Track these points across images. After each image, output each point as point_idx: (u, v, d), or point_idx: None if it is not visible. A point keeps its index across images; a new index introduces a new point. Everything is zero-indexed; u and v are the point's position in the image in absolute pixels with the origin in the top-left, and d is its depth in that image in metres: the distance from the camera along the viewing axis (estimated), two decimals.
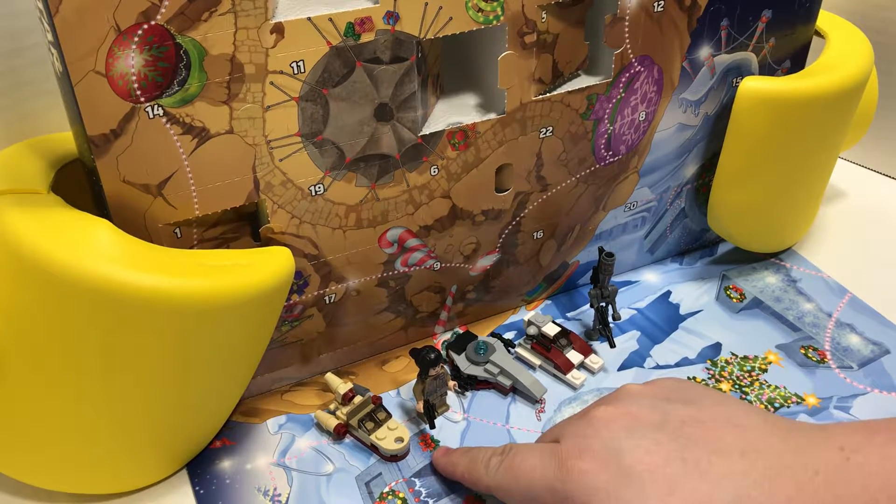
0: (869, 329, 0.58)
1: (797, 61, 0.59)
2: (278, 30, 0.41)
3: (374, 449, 0.49)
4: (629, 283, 0.63)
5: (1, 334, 0.41)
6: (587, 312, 0.60)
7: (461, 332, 0.58)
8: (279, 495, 0.47)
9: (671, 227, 0.63)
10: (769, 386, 0.53)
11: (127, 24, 0.38)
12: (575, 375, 0.54)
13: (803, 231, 0.66)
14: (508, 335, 0.58)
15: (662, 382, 0.44)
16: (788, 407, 0.52)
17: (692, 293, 0.62)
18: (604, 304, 0.56)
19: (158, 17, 0.39)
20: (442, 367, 0.49)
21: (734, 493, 0.36)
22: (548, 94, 0.51)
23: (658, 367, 0.55)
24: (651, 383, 0.44)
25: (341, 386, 0.50)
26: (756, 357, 0.56)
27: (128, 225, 0.43)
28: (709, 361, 0.55)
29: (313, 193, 0.47)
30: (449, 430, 0.51)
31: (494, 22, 0.46)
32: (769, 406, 0.52)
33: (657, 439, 0.39)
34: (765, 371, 0.54)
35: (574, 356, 0.54)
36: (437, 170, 0.50)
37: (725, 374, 0.54)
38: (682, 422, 0.40)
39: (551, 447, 0.41)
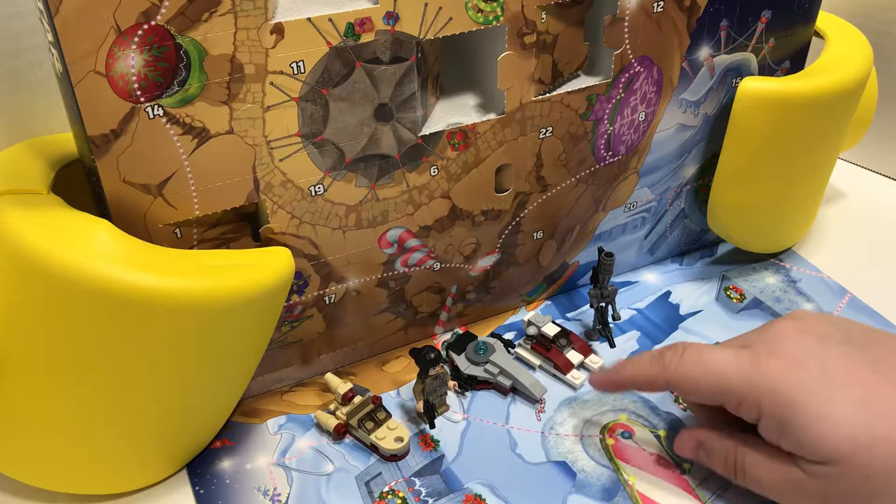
0: None
1: (797, 62, 0.59)
2: (278, 30, 0.42)
3: (373, 449, 0.49)
4: (629, 283, 0.63)
5: (1, 334, 0.41)
6: (587, 312, 0.60)
7: (461, 332, 0.58)
8: (279, 495, 0.47)
9: (671, 228, 0.63)
10: None
11: (127, 24, 0.38)
12: (575, 375, 0.54)
13: (803, 231, 0.66)
14: (508, 335, 0.58)
15: (829, 315, 0.45)
16: None
17: (692, 293, 0.62)
18: (604, 304, 0.56)
19: (158, 17, 0.39)
20: (442, 366, 0.49)
21: None
22: (547, 95, 0.51)
23: None
24: (820, 313, 0.46)
25: (341, 386, 0.50)
26: None
27: (128, 225, 0.43)
28: None
29: (313, 194, 0.47)
30: (449, 430, 0.51)
31: (494, 22, 0.46)
32: None
33: (847, 351, 0.41)
34: None
35: (574, 356, 0.54)
36: (436, 170, 0.50)
37: None
38: (864, 342, 0.42)
39: (742, 348, 0.42)
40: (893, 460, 0.38)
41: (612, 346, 0.57)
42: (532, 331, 0.55)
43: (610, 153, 0.55)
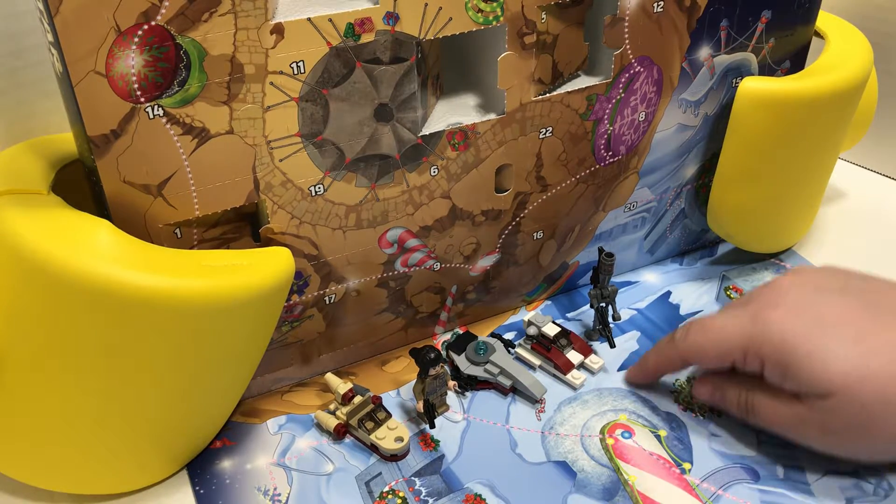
0: None
1: (797, 62, 0.59)
2: (278, 30, 0.42)
3: (373, 449, 0.49)
4: (629, 283, 0.63)
5: (1, 334, 0.41)
6: (587, 312, 0.60)
7: (461, 332, 0.58)
8: (279, 495, 0.47)
9: (671, 228, 0.63)
10: None
11: (127, 24, 0.38)
12: (575, 375, 0.54)
13: (803, 231, 0.66)
14: (508, 335, 0.58)
15: (830, 267, 0.49)
16: None
17: (692, 293, 0.62)
18: (604, 304, 0.56)
19: (158, 17, 0.39)
20: (442, 366, 0.49)
21: None
22: (547, 95, 0.51)
23: None
24: (822, 267, 0.50)
25: (341, 386, 0.50)
26: None
27: (128, 225, 0.43)
28: None
29: (313, 194, 0.47)
30: (449, 430, 0.51)
31: (494, 22, 0.46)
32: None
33: (843, 299, 0.45)
34: None
35: (574, 356, 0.54)
36: (436, 170, 0.50)
37: None
38: (861, 290, 0.46)
39: (741, 309, 0.47)
40: (885, 392, 0.42)
41: (612, 346, 0.57)
42: (532, 331, 0.55)
43: (610, 153, 0.55)
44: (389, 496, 0.47)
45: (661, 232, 0.63)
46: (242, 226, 0.48)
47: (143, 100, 0.40)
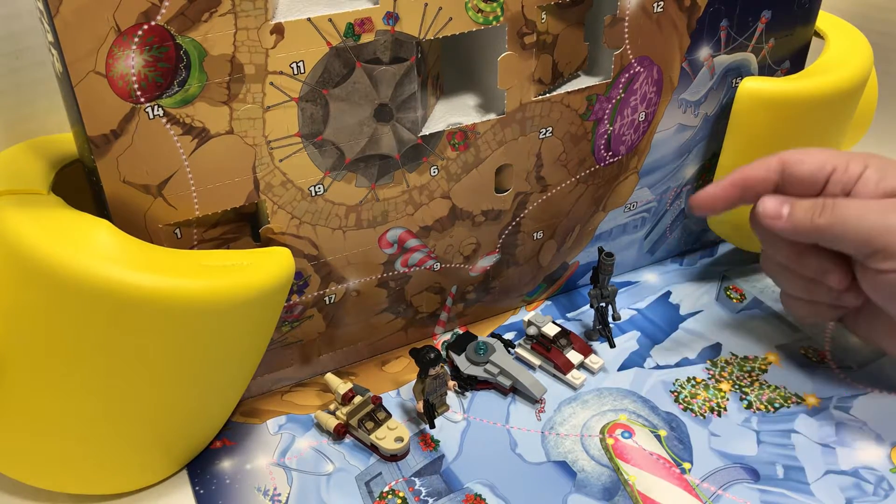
0: None
1: (797, 62, 0.59)
2: (278, 30, 0.42)
3: (373, 449, 0.49)
4: (629, 283, 0.63)
5: (1, 334, 0.41)
6: (587, 312, 0.60)
7: (461, 332, 0.58)
8: (279, 495, 0.47)
9: (671, 228, 0.63)
10: (769, 386, 0.53)
11: (127, 24, 0.38)
12: (575, 375, 0.54)
13: None
14: (508, 335, 0.58)
15: None
16: (788, 407, 0.52)
17: (692, 293, 0.62)
18: (604, 304, 0.56)
19: (158, 17, 0.39)
20: (442, 366, 0.49)
21: None
22: (547, 95, 0.51)
23: (658, 367, 0.55)
24: None
25: (341, 386, 0.50)
26: (756, 357, 0.56)
27: (128, 225, 0.43)
28: (709, 362, 0.55)
29: (313, 194, 0.47)
30: (449, 430, 0.51)
31: (494, 22, 0.46)
32: (769, 406, 0.52)
33: None
34: (765, 371, 0.54)
35: (574, 356, 0.54)
36: (436, 170, 0.50)
37: (725, 375, 0.54)
38: None
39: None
40: None
41: (612, 346, 0.57)
42: (532, 331, 0.55)
43: (610, 153, 0.55)
44: (389, 496, 0.47)
45: (661, 232, 0.63)
46: (242, 226, 0.48)
47: (143, 100, 0.40)
